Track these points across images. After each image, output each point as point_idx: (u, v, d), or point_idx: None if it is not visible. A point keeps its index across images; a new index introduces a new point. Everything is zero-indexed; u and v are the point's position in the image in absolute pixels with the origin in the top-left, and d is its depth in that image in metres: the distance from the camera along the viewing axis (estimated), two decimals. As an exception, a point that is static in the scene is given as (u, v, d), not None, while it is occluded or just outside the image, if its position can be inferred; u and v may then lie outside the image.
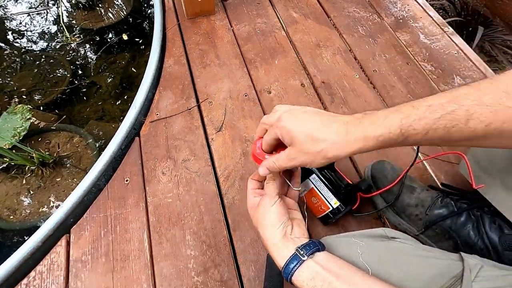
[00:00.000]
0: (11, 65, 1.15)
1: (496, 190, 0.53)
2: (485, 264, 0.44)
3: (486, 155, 0.57)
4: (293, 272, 0.41)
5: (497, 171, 0.53)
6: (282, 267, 0.42)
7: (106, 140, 0.95)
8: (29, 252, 0.65)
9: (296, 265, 0.41)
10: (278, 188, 0.49)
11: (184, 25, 1.08)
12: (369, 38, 1.04)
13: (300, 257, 0.41)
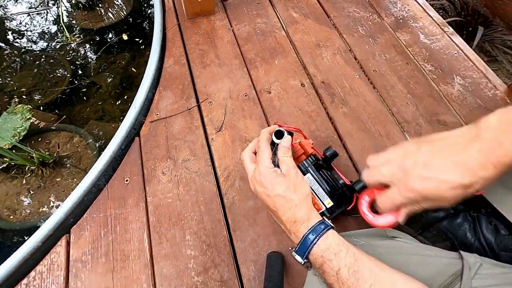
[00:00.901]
0: (11, 65, 1.15)
1: (496, 191, 0.52)
2: (484, 262, 0.44)
3: None
4: (322, 234, 0.40)
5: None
6: (309, 229, 0.41)
7: (106, 140, 0.95)
8: (29, 252, 0.65)
9: (325, 229, 0.40)
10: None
11: (184, 25, 1.08)
12: (369, 38, 1.04)
13: (327, 223, 0.42)
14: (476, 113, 0.87)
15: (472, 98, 0.90)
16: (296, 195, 0.43)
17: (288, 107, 0.89)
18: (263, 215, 0.72)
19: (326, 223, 0.42)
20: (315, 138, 0.83)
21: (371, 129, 0.84)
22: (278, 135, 0.51)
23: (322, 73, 0.96)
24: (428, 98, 0.90)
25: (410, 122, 0.86)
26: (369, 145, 0.82)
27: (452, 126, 0.85)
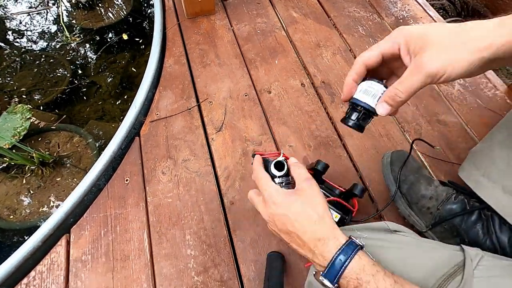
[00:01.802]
0: (11, 65, 1.15)
1: (497, 196, 0.52)
2: (485, 255, 0.44)
3: (486, 157, 0.56)
4: (354, 254, 0.35)
5: (497, 174, 0.53)
6: (339, 249, 0.36)
7: (106, 140, 0.95)
8: (29, 252, 0.65)
9: (356, 248, 0.35)
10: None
11: (184, 24, 1.08)
12: (369, 38, 1.04)
13: (357, 242, 0.36)
14: (476, 113, 0.87)
15: (472, 98, 0.90)
16: (315, 210, 0.38)
17: (288, 107, 0.88)
18: (263, 215, 0.72)
19: (356, 242, 0.37)
20: (315, 138, 0.83)
21: (371, 129, 0.84)
22: (278, 167, 0.45)
23: (322, 73, 0.96)
24: (428, 98, 0.90)
25: (410, 122, 0.86)
26: (369, 145, 0.82)
27: (452, 126, 0.85)
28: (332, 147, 0.81)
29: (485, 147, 0.56)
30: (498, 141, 0.53)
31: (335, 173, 0.77)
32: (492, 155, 0.53)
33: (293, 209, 0.39)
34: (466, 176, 0.58)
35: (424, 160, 0.79)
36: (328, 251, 0.36)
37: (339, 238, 0.37)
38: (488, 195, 0.54)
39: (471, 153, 0.60)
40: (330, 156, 0.80)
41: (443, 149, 0.81)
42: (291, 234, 0.39)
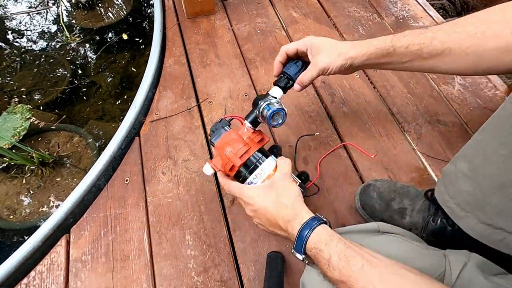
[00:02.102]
0: (11, 65, 1.15)
1: (473, 225, 0.50)
2: (470, 261, 0.44)
3: (453, 186, 0.53)
4: (314, 228, 0.42)
5: (467, 206, 0.51)
6: (302, 225, 0.43)
7: (106, 140, 0.95)
8: (29, 252, 0.65)
9: (317, 223, 0.42)
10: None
11: (184, 24, 1.08)
12: (370, 38, 1.04)
13: (320, 217, 0.44)
14: (476, 113, 0.87)
15: (472, 98, 0.90)
16: (286, 198, 0.46)
17: (288, 107, 0.88)
18: (263, 215, 0.72)
19: (318, 218, 0.43)
20: (315, 138, 0.83)
21: (371, 129, 0.84)
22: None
23: (322, 73, 0.96)
24: (428, 98, 0.90)
25: (410, 122, 0.86)
26: (369, 145, 0.81)
27: (452, 126, 0.85)
28: (332, 147, 0.81)
29: (451, 172, 0.53)
30: (461, 171, 0.51)
31: (335, 173, 0.77)
32: (458, 186, 0.51)
33: (269, 201, 0.47)
34: (441, 200, 0.56)
35: (424, 160, 0.79)
36: (295, 228, 0.43)
37: (305, 217, 0.44)
38: (465, 224, 0.52)
39: (443, 173, 0.57)
40: (330, 156, 0.80)
41: (443, 149, 0.81)
42: (270, 222, 0.47)
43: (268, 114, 0.53)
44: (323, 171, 0.77)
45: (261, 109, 0.54)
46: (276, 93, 0.58)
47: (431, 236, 0.60)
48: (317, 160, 0.79)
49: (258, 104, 0.55)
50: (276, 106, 0.53)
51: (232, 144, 0.53)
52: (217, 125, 0.57)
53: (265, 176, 0.52)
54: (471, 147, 0.51)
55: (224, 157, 0.52)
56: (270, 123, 0.54)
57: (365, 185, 0.71)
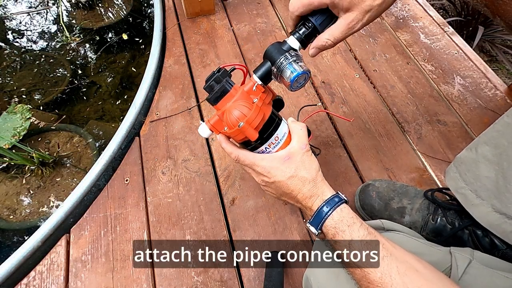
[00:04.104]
0: (11, 65, 1.15)
1: (488, 215, 0.50)
2: (474, 258, 0.44)
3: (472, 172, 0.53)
4: (336, 207, 0.41)
5: (485, 193, 0.51)
6: (324, 201, 0.42)
7: (106, 140, 0.95)
8: (29, 252, 0.65)
9: (339, 202, 0.41)
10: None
11: (184, 24, 1.08)
12: (369, 38, 1.04)
13: (342, 197, 0.43)
14: (476, 113, 0.87)
15: (472, 98, 0.90)
16: (307, 172, 0.44)
17: (288, 107, 0.88)
18: (263, 215, 0.72)
19: (340, 197, 0.43)
20: (315, 138, 0.83)
21: (371, 129, 0.84)
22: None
23: (322, 73, 0.96)
24: (428, 98, 0.90)
25: (410, 122, 0.86)
26: (369, 145, 0.81)
27: (452, 126, 0.85)
28: (332, 147, 0.81)
29: (471, 158, 0.52)
30: (483, 156, 0.50)
31: (335, 173, 0.77)
32: (478, 172, 0.50)
33: (288, 174, 0.43)
34: (453, 186, 0.56)
35: (424, 160, 0.79)
36: (316, 204, 0.42)
37: (327, 194, 0.43)
38: (477, 212, 0.52)
39: (457, 159, 0.57)
40: (330, 156, 0.80)
41: (443, 149, 0.81)
42: (286, 194, 0.45)
43: (292, 77, 0.44)
44: (323, 171, 0.77)
45: (282, 68, 0.45)
46: (294, 44, 0.47)
47: (431, 234, 0.60)
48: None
49: (276, 59, 0.45)
50: (301, 67, 0.44)
51: (240, 108, 0.43)
52: (217, 77, 0.44)
53: (280, 145, 0.46)
54: (497, 131, 0.49)
55: (228, 122, 0.43)
56: (292, 87, 0.45)
57: (364, 185, 0.71)
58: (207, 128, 0.46)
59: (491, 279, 0.42)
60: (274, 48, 0.45)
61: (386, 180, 0.72)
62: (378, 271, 0.36)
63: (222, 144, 0.48)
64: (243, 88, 0.45)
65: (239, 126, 0.42)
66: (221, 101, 0.44)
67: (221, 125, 0.45)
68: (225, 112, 0.43)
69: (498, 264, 0.45)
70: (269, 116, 0.45)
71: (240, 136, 0.44)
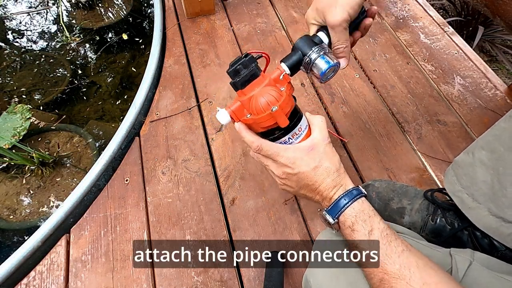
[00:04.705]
0: (11, 65, 1.15)
1: (484, 218, 0.50)
2: (475, 259, 0.44)
3: (468, 176, 0.53)
4: (357, 198, 0.41)
5: (481, 197, 0.51)
6: (345, 191, 0.42)
7: (106, 140, 0.95)
8: (29, 252, 0.65)
9: (359, 194, 0.42)
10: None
11: (184, 24, 1.08)
12: (369, 38, 1.04)
13: (362, 190, 0.43)
14: (476, 113, 0.87)
15: (472, 98, 0.90)
16: (331, 163, 0.44)
17: (288, 107, 0.88)
18: (263, 215, 0.72)
19: (360, 190, 0.43)
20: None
21: (371, 129, 0.84)
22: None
23: (322, 73, 0.96)
24: (428, 98, 0.90)
25: (410, 122, 0.86)
26: (369, 145, 0.81)
27: (452, 126, 0.85)
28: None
29: (468, 162, 0.53)
30: (479, 160, 0.50)
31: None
32: (474, 176, 0.51)
33: (312, 165, 0.43)
34: (451, 190, 0.56)
35: (424, 160, 0.79)
36: (337, 194, 0.42)
37: (349, 185, 0.43)
38: (474, 216, 0.52)
39: (455, 162, 0.57)
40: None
41: (443, 149, 0.81)
42: (308, 186, 0.44)
43: (325, 68, 0.44)
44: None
45: (314, 59, 0.45)
46: (324, 38, 0.47)
47: (430, 235, 0.60)
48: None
49: (309, 50, 0.45)
50: (333, 59, 0.45)
51: (272, 93, 0.42)
52: (244, 62, 0.45)
53: (302, 137, 0.46)
54: (493, 136, 0.50)
55: (258, 107, 0.42)
56: (322, 79, 0.45)
57: (363, 185, 0.71)
58: (227, 114, 0.44)
59: (492, 281, 0.41)
60: (305, 40, 0.46)
61: (386, 180, 0.72)
62: (396, 262, 0.36)
63: (242, 133, 0.45)
64: (270, 76, 0.45)
65: (272, 111, 0.41)
66: (248, 86, 0.44)
67: (243, 112, 0.44)
68: (253, 97, 0.42)
69: (498, 265, 0.45)
70: (293, 107, 0.45)
71: (269, 122, 0.42)
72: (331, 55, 0.46)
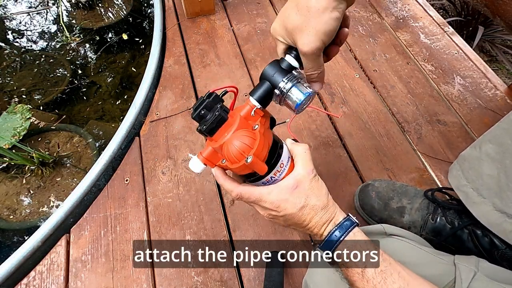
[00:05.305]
0: (11, 65, 1.15)
1: (488, 213, 0.50)
2: (480, 269, 0.43)
3: (475, 170, 0.53)
4: (349, 232, 0.39)
5: (486, 191, 0.51)
6: (335, 225, 0.40)
7: (106, 140, 0.95)
8: (29, 252, 0.65)
9: (351, 226, 0.40)
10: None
11: (184, 24, 1.08)
12: (369, 38, 1.04)
13: (353, 220, 0.41)
14: (476, 113, 0.87)
15: (472, 98, 0.90)
16: (318, 199, 0.41)
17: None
18: (263, 215, 0.72)
19: (352, 220, 0.41)
20: (315, 138, 0.83)
21: (371, 129, 0.84)
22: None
23: (322, 73, 0.96)
24: (428, 98, 0.90)
25: (410, 122, 0.86)
26: (369, 145, 0.81)
27: (452, 126, 0.85)
28: (332, 147, 0.81)
29: (474, 156, 0.53)
30: (486, 154, 0.50)
31: (335, 173, 0.77)
32: (480, 170, 0.50)
33: (299, 205, 0.40)
34: (455, 184, 0.56)
35: (424, 160, 0.79)
36: (327, 229, 0.40)
37: (339, 218, 0.41)
38: (478, 211, 0.52)
39: (461, 157, 0.57)
40: (330, 156, 0.80)
41: (443, 149, 0.81)
42: (296, 224, 0.42)
43: (299, 100, 0.39)
44: (323, 171, 0.77)
45: (288, 90, 0.40)
46: (293, 63, 0.41)
47: (430, 234, 0.60)
48: (316, 161, 0.79)
49: (279, 81, 0.40)
50: (307, 88, 0.40)
51: (242, 139, 0.37)
52: (207, 104, 0.39)
53: (285, 172, 0.41)
54: (501, 129, 0.49)
55: (231, 157, 0.38)
56: (298, 110, 0.40)
57: (363, 185, 0.71)
58: (200, 162, 0.40)
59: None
60: (273, 68, 0.41)
61: (386, 180, 0.72)
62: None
63: (219, 181, 0.43)
64: (240, 114, 0.40)
65: (247, 162, 0.36)
66: (217, 132, 0.39)
67: (217, 157, 0.40)
68: (225, 144, 0.38)
69: (503, 275, 0.44)
70: (272, 141, 0.40)
71: (246, 170, 0.38)
72: (305, 83, 0.41)
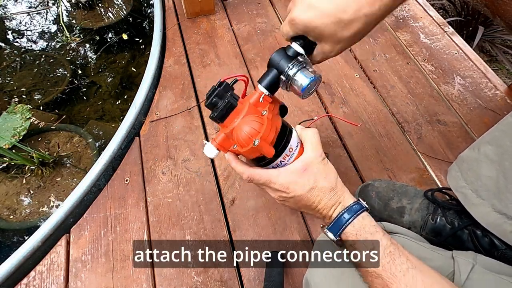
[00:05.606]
0: (11, 65, 1.15)
1: (487, 214, 0.50)
2: (477, 262, 0.44)
3: (473, 171, 0.53)
4: (358, 215, 0.40)
5: (485, 192, 0.51)
6: (344, 208, 0.40)
7: (106, 140, 0.95)
8: (29, 252, 0.65)
9: (360, 210, 0.40)
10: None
11: (184, 24, 1.08)
12: (369, 38, 1.04)
13: (363, 204, 0.41)
14: (476, 113, 0.87)
15: (472, 98, 0.90)
16: (327, 181, 0.42)
17: (288, 107, 0.88)
18: (263, 215, 0.72)
19: (361, 204, 0.41)
20: (315, 138, 0.83)
21: (371, 129, 0.84)
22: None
23: (322, 73, 0.96)
24: (428, 98, 0.90)
25: (410, 122, 0.86)
26: (369, 145, 0.81)
27: (452, 126, 0.85)
28: (332, 147, 0.81)
29: (473, 157, 0.52)
30: (485, 155, 0.50)
31: (335, 173, 0.77)
32: (479, 171, 0.50)
33: (308, 187, 0.41)
34: (454, 185, 0.56)
35: (424, 160, 0.79)
36: (336, 211, 0.41)
37: (349, 201, 0.41)
38: (477, 212, 0.51)
39: (460, 158, 0.57)
40: (330, 156, 0.80)
41: (443, 149, 0.81)
42: (306, 206, 0.43)
43: (304, 85, 0.40)
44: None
45: (292, 76, 0.41)
46: (299, 49, 0.43)
47: (430, 234, 0.60)
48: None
49: (285, 67, 0.42)
50: (313, 73, 0.41)
51: (251, 124, 0.40)
52: (219, 92, 0.43)
53: (294, 156, 0.43)
54: (500, 131, 0.49)
55: (240, 141, 0.40)
56: (303, 95, 0.42)
57: (363, 185, 0.71)
58: (214, 147, 0.44)
59: (495, 285, 0.41)
60: (279, 55, 0.43)
61: (386, 180, 0.72)
62: (402, 282, 0.35)
63: (231, 164, 0.46)
64: (249, 101, 0.43)
65: (254, 145, 0.38)
66: (228, 118, 0.42)
67: (229, 142, 0.43)
68: (234, 130, 0.41)
69: (501, 268, 0.45)
70: (280, 127, 0.42)
71: (255, 154, 0.41)
72: (311, 68, 0.42)
